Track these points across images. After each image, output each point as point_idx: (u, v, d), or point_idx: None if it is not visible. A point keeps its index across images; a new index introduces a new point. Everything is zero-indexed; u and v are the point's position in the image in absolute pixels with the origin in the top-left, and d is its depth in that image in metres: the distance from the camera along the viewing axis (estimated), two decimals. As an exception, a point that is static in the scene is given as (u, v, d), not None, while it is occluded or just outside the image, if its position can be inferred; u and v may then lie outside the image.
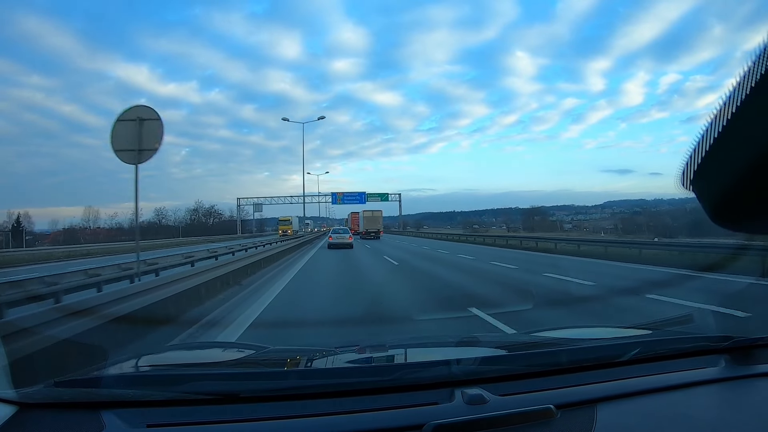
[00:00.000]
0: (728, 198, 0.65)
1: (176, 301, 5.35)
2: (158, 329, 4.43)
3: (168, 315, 4.92)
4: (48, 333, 2.75)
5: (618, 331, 1.94)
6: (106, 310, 3.67)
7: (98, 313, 3.52)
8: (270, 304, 6.49)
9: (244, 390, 1.10)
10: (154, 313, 4.55)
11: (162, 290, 5.03)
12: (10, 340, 2.30)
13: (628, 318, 5.08)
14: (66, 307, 3.49)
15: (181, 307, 5.46)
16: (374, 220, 42.92)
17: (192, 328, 4.84)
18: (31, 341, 2.53)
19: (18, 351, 2.31)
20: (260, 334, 4.83)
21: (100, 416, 0.98)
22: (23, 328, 2.58)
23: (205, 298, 6.38)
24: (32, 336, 2.58)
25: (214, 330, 4.88)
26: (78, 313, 3.29)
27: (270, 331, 5.13)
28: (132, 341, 3.73)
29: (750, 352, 1.34)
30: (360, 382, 1.17)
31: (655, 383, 1.17)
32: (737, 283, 7.51)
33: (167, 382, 1.17)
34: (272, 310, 6.00)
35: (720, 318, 4.61)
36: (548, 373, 1.20)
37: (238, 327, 4.92)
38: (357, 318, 5.34)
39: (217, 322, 5.27)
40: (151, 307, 4.53)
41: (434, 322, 4.81)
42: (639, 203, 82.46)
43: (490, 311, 5.04)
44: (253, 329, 4.84)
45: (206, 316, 5.50)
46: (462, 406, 1.01)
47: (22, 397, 1.05)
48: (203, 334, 4.67)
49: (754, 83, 0.54)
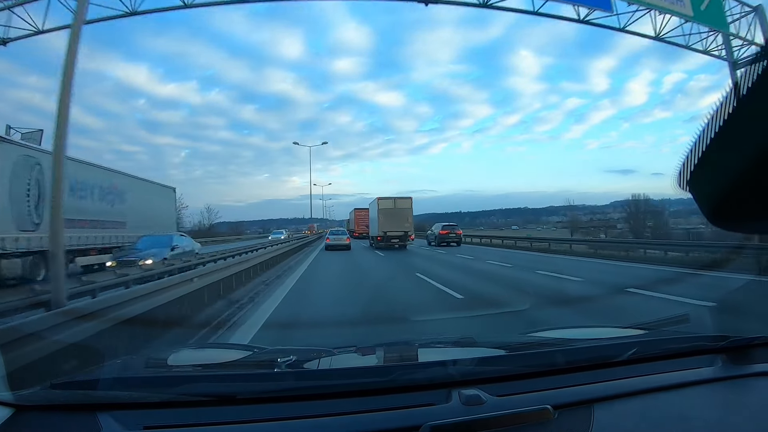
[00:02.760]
0: (725, 199, 0.65)
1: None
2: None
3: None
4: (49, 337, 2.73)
5: (615, 331, 1.95)
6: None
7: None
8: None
9: (240, 391, 1.10)
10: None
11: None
12: (8, 344, 2.29)
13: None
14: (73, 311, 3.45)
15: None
16: (399, 215, 22.47)
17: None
18: (28, 343, 2.51)
19: (15, 354, 2.30)
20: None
21: (96, 418, 0.98)
22: (22, 332, 2.56)
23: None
24: (30, 339, 2.56)
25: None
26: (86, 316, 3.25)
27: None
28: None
29: (746, 352, 1.34)
30: (357, 383, 1.16)
31: (652, 383, 1.17)
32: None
33: (164, 384, 1.16)
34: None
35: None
36: (545, 374, 1.20)
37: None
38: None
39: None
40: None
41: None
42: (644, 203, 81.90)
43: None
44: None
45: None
46: (459, 407, 1.01)
47: (18, 400, 1.05)
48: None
49: (751, 84, 0.54)
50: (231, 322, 5.40)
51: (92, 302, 4.26)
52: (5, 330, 2.50)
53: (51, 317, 3.00)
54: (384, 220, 22.52)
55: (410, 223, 23.04)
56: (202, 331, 4.81)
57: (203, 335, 4.64)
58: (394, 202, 23.20)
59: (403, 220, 22.71)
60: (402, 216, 22.74)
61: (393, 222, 22.31)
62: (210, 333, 4.78)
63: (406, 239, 22.49)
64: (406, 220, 22.78)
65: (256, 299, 7.13)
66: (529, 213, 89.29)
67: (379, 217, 22.80)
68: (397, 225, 22.34)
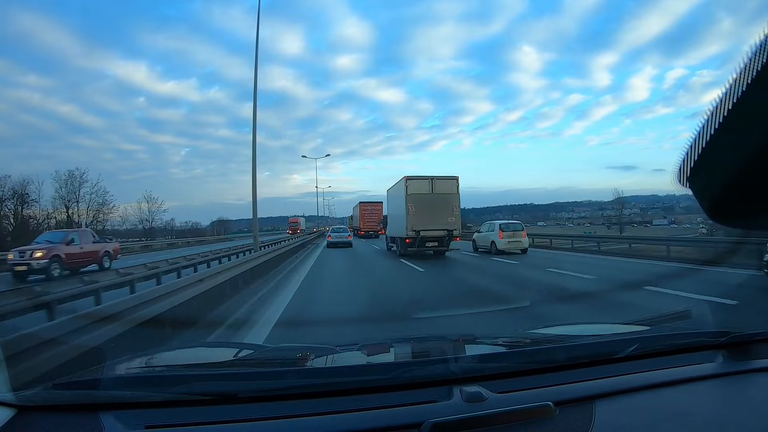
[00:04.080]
0: (725, 194, 0.65)
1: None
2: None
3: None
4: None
5: (616, 327, 1.95)
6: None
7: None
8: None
9: (241, 390, 1.10)
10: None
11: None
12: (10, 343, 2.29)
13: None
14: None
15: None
16: (439, 204, 14.57)
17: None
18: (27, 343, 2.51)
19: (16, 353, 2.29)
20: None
21: (98, 418, 0.98)
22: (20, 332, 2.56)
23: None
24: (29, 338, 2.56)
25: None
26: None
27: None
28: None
29: (747, 348, 1.34)
30: (358, 380, 1.17)
31: (653, 379, 1.18)
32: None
33: (165, 383, 1.17)
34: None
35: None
36: (546, 370, 1.21)
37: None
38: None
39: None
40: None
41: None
42: (650, 199, 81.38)
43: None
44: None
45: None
46: (461, 404, 1.02)
47: (20, 400, 1.05)
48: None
49: (751, 80, 0.54)
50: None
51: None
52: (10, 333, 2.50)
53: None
54: (417, 213, 14.11)
55: (456, 216, 14.62)
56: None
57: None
58: (431, 185, 14.46)
59: (446, 211, 14.37)
60: (444, 206, 14.42)
61: (431, 215, 14.08)
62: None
63: (448, 242, 14.54)
64: (450, 212, 14.43)
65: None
66: (536, 209, 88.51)
67: (408, 207, 14.20)
68: (437, 219, 14.16)
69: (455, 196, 14.70)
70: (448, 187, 14.69)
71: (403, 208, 14.44)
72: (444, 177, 14.82)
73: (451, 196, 14.63)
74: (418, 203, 14.28)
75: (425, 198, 14.39)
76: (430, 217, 14.15)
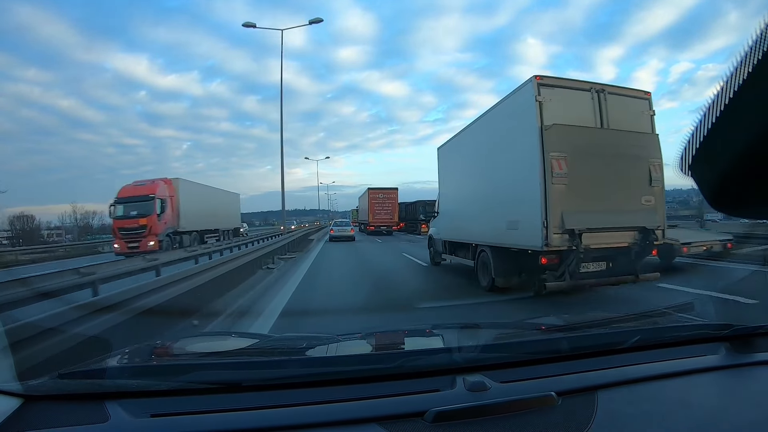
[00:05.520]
0: (727, 183, 0.65)
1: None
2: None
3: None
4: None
5: (619, 318, 1.95)
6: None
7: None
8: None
9: (246, 379, 1.11)
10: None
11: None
12: (18, 334, 2.31)
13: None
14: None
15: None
16: (624, 153, 4.92)
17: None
18: (35, 335, 2.54)
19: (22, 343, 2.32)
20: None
21: (104, 407, 0.99)
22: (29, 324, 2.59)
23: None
24: (35, 329, 2.59)
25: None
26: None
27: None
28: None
29: (750, 341, 1.34)
30: (362, 369, 1.17)
31: (656, 370, 1.18)
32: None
33: (170, 372, 1.18)
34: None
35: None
36: (549, 360, 1.21)
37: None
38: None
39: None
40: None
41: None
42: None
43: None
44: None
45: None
46: (463, 393, 1.02)
47: (27, 390, 1.06)
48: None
49: (752, 68, 0.53)
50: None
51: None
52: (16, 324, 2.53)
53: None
54: (576, 181, 5.32)
55: (658, 192, 5.75)
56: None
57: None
58: (598, 106, 5.71)
59: (636, 180, 5.63)
60: (632, 165, 5.60)
61: (605, 189, 5.47)
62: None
63: (639, 260, 5.63)
64: (646, 180, 5.66)
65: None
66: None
67: (550, 164, 5.26)
68: (621, 200, 5.59)
69: (653, 140, 5.90)
70: (636, 119, 5.96)
71: (534, 169, 5.44)
72: (623, 89, 6.13)
73: (645, 140, 5.83)
74: (575, 155, 5.41)
75: (591, 143, 5.56)
76: (607, 195, 5.57)
